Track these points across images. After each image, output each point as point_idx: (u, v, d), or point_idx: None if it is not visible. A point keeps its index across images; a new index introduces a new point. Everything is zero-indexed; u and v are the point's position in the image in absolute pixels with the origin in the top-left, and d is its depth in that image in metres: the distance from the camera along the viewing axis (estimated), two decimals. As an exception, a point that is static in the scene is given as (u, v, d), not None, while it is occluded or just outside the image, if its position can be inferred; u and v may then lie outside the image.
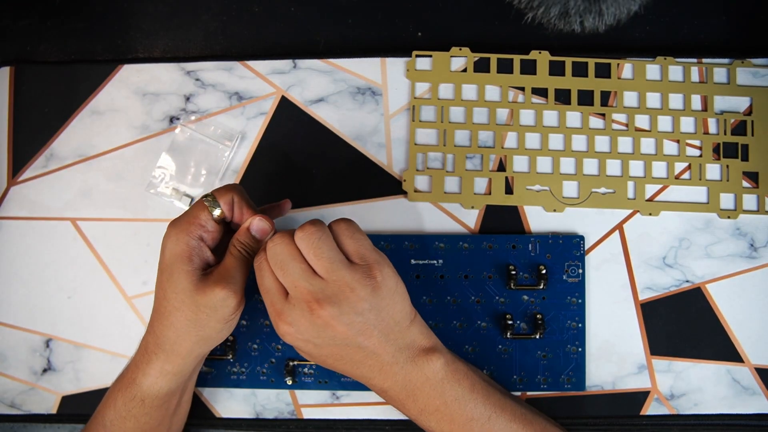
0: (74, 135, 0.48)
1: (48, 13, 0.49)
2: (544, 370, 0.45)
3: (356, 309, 0.35)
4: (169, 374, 0.38)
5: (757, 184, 0.46)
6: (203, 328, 0.37)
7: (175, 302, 0.36)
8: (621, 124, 0.47)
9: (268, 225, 0.38)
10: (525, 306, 0.45)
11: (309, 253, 0.35)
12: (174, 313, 0.36)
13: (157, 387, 0.38)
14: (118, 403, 0.38)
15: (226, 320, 0.37)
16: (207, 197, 0.37)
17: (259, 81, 0.48)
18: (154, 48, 0.49)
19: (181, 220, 0.37)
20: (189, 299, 0.36)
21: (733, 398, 0.45)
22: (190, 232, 0.36)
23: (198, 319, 0.36)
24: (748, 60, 0.47)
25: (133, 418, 0.38)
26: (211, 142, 0.47)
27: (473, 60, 0.47)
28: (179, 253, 0.36)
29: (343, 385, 0.45)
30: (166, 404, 0.39)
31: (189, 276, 0.36)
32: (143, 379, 0.37)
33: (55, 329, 0.46)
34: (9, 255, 0.47)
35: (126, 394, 0.38)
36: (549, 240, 0.45)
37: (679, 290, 0.46)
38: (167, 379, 0.38)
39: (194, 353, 0.38)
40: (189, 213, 0.37)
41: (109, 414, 0.39)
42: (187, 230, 0.36)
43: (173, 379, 0.38)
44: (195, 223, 0.37)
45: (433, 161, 0.47)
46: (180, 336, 0.37)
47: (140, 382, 0.38)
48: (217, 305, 0.36)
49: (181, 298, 0.36)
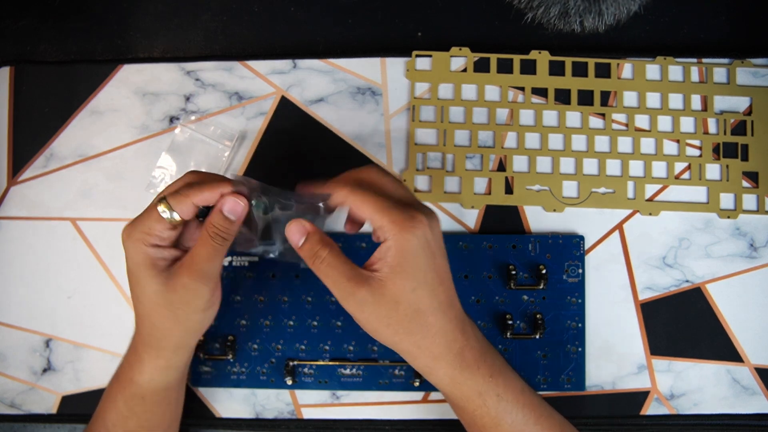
0: (74, 135, 0.48)
1: (48, 13, 0.49)
2: (544, 370, 0.45)
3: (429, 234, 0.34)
4: (163, 368, 0.38)
5: (757, 184, 0.46)
6: (183, 321, 0.36)
7: (149, 305, 0.36)
8: (621, 124, 0.47)
9: (243, 204, 0.35)
10: (525, 306, 0.45)
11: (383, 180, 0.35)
12: (152, 315, 0.36)
13: (155, 382, 0.38)
14: (118, 404, 0.38)
15: (203, 309, 0.36)
16: (161, 202, 0.35)
17: (259, 81, 0.48)
18: (154, 48, 0.49)
19: (136, 229, 0.35)
20: (161, 299, 0.35)
21: (733, 398, 0.45)
22: (145, 241, 0.35)
23: (176, 315, 0.36)
24: (748, 60, 0.47)
25: (135, 417, 0.38)
26: (211, 142, 0.47)
27: (473, 60, 0.47)
28: (140, 261, 0.35)
29: (343, 385, 0.45)
30: (166, 399, 0.39)
31: (155, 279, 0.35)
32: (140, 377, 0.38)
33: (55, 329, 0.46)
34: (9, 255, 0.47)
35: (126, 394, 0.38)
36: (549, 240, 0.45)
37: (679, 290, 0.46)
38: (163, 373, 0.38)
39: (182, 345, 0.38)
40: (143, 222, 0.35)
41: (110, 416, 0.39)
42: (143, 239, 0.35)
43: (168, 373, 0.38)
44: (151, 233, 0.35)
45: (432, 161, 0.47)
46: (164, 333, 0.37)
47: (138, 381, 0.38)
48: (190, 298, 0.36)
49: (154, 300, 0.36)
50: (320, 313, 0.45)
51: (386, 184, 0.35)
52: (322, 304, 0.45)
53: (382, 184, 0.35)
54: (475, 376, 0.35)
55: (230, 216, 0.35)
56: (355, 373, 0.45)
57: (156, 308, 0.36)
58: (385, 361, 0.45)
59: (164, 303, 0.35)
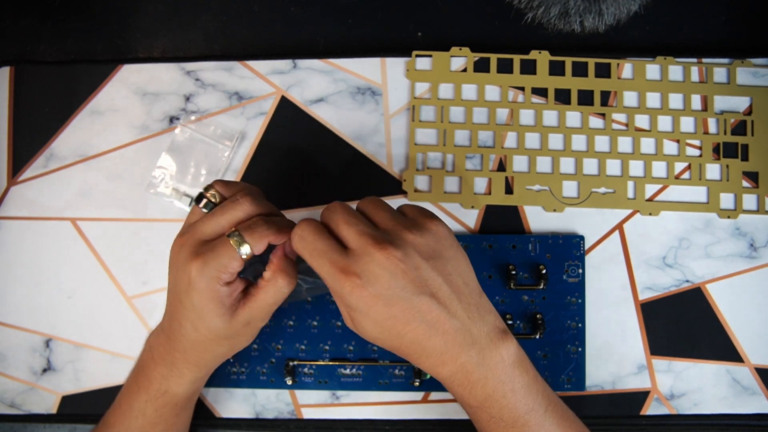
0: (74, 135, 0.48)
1: (48, 13, 0.49)
2: (544, 370, 0.45)
3: (422, 253, 0.33)
4: (201, 380, 0.40)
5: (757, 184, 0.46)
6: (233, 346, 0.38)
7: (208, 335, 0.36)
8: (621, 124, 0.47)
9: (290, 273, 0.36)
10: (525, 306, 0.45)
11: (369, 208, 0.34)
12: (207, 344, 0.37)
13: (191, 392, 0.40)
14: (147, 412, 0.38)
15: (254, 336, 0.39)
16: (233, 235, 0.34)
17: (259, 81, 0.48)
18: (154, 48, 0.49)
19: (209, 265, 0.34)
20: (223, 333, 0.36)
21: (733, 398, 0.45)
22: (220, 280, 0.34)
23: (232, 345, 0.38)
24: (748, 60, 0.47)
25: (164, 422, 0.39)
26: (211, 142, 0.47)
27: (473, 60, 0.47)
28: (210, 298, 0.34)
29: (343, 385, 0.45)
30: (192, 403, 0.41)
31: (222, 316, 0.35)
32: (178, 389, 0.38)
33: (55, 329, 0.46)
34: (9, 255, 0.47)
35: (157, 403, 0.38)
36: (549, 240, 0.45)
37: (679, 290, 0.46)
38: (200, 383, 0.40)
39: (223, 359, 0.40)
40: (217, 260, 0.34)
41: (135, 423, 0.39)
42: (217, 278, 0.34)
43: (203, 381, 0.41)
44: (225, 271, 0.34)
45: (433, 161, 0.47)
46: (215, 357, 0.38)
47: (175, 392, 0.38)
48: (250, 334, 0.38)
49: (215, 333, 0.36)
50: (320, 313, 0.45)
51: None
52: (322, 304, 0.45)
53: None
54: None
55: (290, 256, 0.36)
56: (355, 373, 0.45)
57: (216, 339, 0.36)
58: (385, 361, 0.45)
59: (224, 336, 0.36)
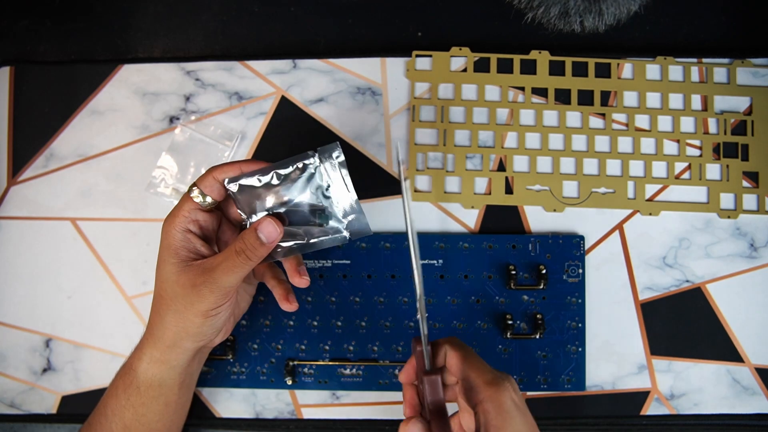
0: (74, 135, 0.48)
1: (48, 13, 0.49)
2: (544, 370, 0.45)
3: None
4: (158, 361, 0.38)
5: (757, 184, 0.46)
6: (182, 319, 0.36)
7: (160, 291, 0.37)
8: (621, 124, 0.47)
9: (278, 231, 0.36)
10: (525, 306, 0.45)
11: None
12: (159, 301, 0.37)
13: (150, 374, 0.38)
14: (118, 391, 0.39)
15: (204, 315, 0.36)
16: (192, 188, 0.37)
17: (259, 81, 0.48)
18: (154, 48, 0.49)
19: (171, 213, 0.37)
20: (170, 289, 0.36)
21: (733, 398, 0.45)
22: (175, 225, 0.36)
23: (177, 309, 0.36)
24: (748, 60, 0.47)
25: (132, 408, 0.38)
26: (211, 142, 0.47)
27: (473, 60, 0.47)
28: (166, 245, 0.36)
29: (343, 385, 0.45)
30: (163, 397, 0.39)
31: (173, 266, 0.36)
32: (138, 363, 0.38)
33: (55, 329, 0.46)
34: (9, 255, 0.47)
35: (125, 381, 0.39)
36: (549, 240, 0.45)
37: (679, 290, 0.46)
38: (157, 366, 0.38)
39: (179, 345, 0.37)
40: (177, 206, 0.37)
41: (110, 403, 0.39)
42: (173, 223, 0.36)
43: (163, 368, 0.38)
44: (179, 215, 0.36)
45: (433, 161, 0.47)
46: (164, 324, 0.37)
47: (135, 368, 0.38)
48: (194, 299, 0.36)
49: (164, 287, 0.36)
50: (320, 313, 0.45)
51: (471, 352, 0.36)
52: (322, 304, 0.45)
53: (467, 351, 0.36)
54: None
55: (262, 238, 0.35)
56: (355, 373, 0.45)
57: (164, 295, 0.36)
58: (385, 361, 0.45)
59: (171, 293, 0.36)
